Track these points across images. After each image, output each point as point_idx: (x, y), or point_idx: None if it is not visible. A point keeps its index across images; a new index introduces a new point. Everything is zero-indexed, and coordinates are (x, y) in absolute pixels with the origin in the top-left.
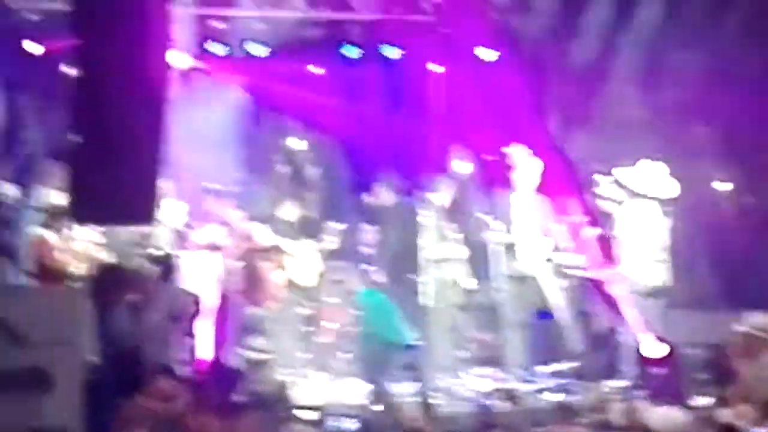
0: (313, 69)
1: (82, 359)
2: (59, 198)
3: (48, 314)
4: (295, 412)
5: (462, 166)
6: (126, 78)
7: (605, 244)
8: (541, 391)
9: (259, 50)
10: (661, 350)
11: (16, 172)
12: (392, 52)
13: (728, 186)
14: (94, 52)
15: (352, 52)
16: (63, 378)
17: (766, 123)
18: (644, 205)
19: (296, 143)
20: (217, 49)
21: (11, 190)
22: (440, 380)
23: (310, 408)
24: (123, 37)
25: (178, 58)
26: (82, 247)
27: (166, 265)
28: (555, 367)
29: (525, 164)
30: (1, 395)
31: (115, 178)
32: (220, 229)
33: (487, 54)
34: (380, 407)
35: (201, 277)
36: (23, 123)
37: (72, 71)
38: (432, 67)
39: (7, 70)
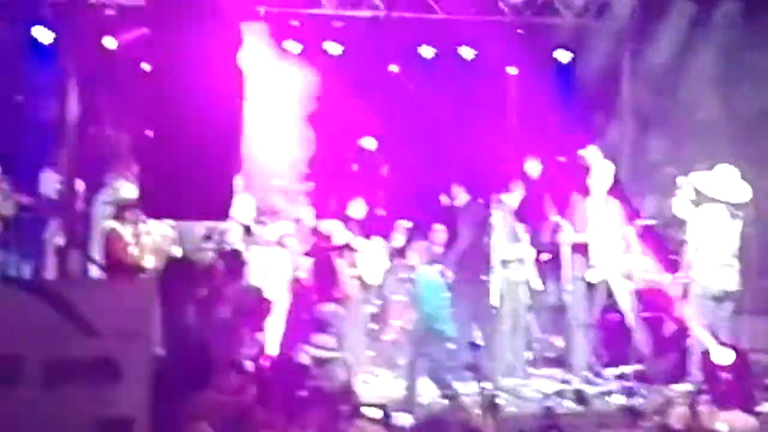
0: (389, 68)
1: (151, 351)
2: (132, 191)
3: (118, 306)
4: (361, 408)
5: (535, 167)
6: (200, 72)
7: (676, 247)
8: (606, 393)
9: (335, 49)
10: (727, 355)
11: (91, 166)
12: (468, 53)
13: None
14: (169, 47)
15: (428, 52)
16: (132, 369)
17: None
18: (716, 209)
19: (368, 142)
20: (292, 47)
21: (83, 185)
22: (506, 380)
23: (374, 405)
24: (197, 31)
25: (253, 54)
26: (154, 240)
27: (235, 260)
28: (621, 369)
29: (598, 166)
30: (71, 384)
31: (189, 172)
32: (290, 225)
33: (563, 55)
34: (445, 405)
35: (270, 273)
36: (99, 117)
37: (147, 66)
38: (508, 68)
39: (85, 65)
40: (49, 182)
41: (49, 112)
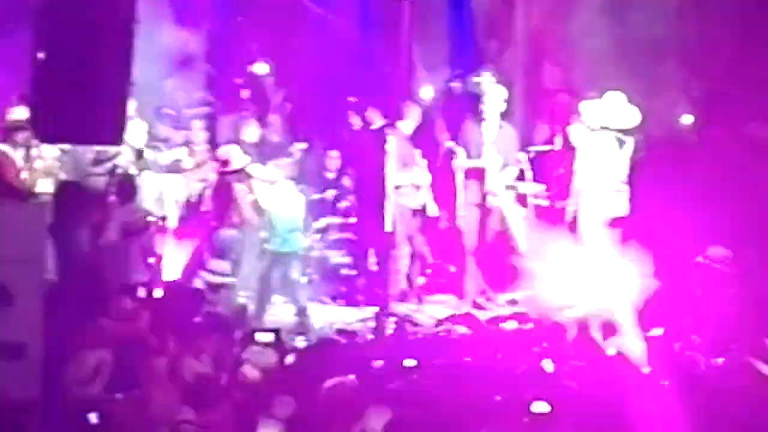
0: None
1: (43, 276)
2: (23, 115)
3: (9, 231)
4: (254, 333)
5: (428, 92)
6: None
7: (568, 174)
8: (498, 318)
9: None
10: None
11: None
12: None
13: (690, 119)
14: None
15: None
16: (23, 294)
17: (733, 55)
18: (603, 136)
19: (260, 67)
20: None
21: None
22: (400, 306)
23: (268, 330)
24: None
25: None
26: (45, 165)
27: (127, 184)
28: (513, 295)
29: (491, 92)
30: None
31: (82, 97)
32: (183, 150)
33: None
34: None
35: (164, 197)
36: None
37: None
38: None
39: None
40: None
41: None
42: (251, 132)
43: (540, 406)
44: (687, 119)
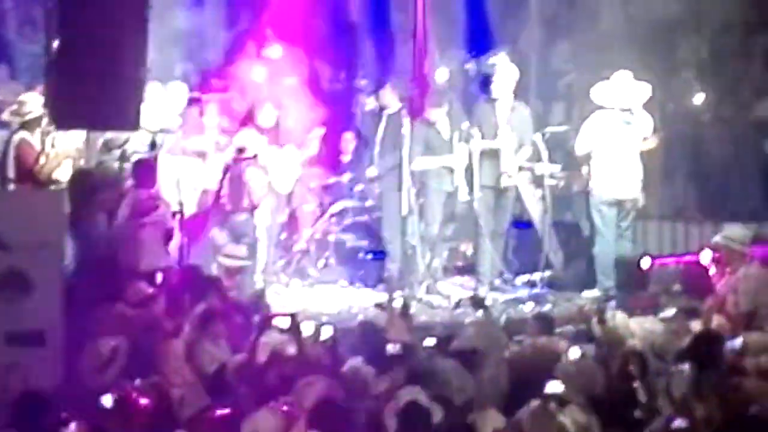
0: None
1: (62, 262)
2: (40, 102)
3: (28, 217)
4: (271, 319)
5: (442, 74)
6: None
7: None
8: (516, 300)
9: None
10: (636, 261)
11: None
12: None
13: (702, 97)
14: None
15: None
16: (42, 280)
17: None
18: (607, 116)
19: (273, 51)
20: None
21: None
22: (417, 289)
23: (285, 315)
24: None
25: None
26: (63, 151)
27: (143, 170)
28: (531, 277)
29: (504, 72)
30: None
31: (98, 82)
32: (200, 135)
33: None
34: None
35: (181, 182)
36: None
37: None
38: None
39: None
40: None
41: None
42: (267, 116)
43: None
44: (699, 98)
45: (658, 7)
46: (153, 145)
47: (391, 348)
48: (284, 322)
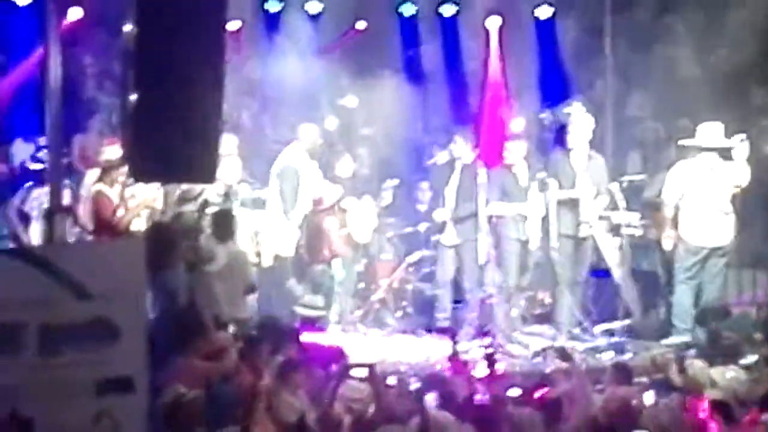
0: (365, 25)
1: (145, 309)
2: (117, 154)
3: (109, 267)
4: (349, 369)
5: (518, 123)
6: (184, 35)
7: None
8: (595, 349)
9: (315, 7)
10: (715, 310)
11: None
12: (449, 10)
13: None
14: (153, 10)
15: (408, 9)
16: (128, 327)
17: None
18: (696, 163)
19: (350, 101)
20: (273, 6)
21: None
22: (497, 339)
23: (363, 365)
24: None
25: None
26: (140, 203)
27: (222, 221)
28: (609, 325)
29: (580, 121)
30: (69, 348)
31: (175, 134)
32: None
33: (544, 11)
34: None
35: (259, 234)
36: (82, 81)
37: (132, 29)
38: (490, 25)
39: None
40: (23, 151)
41: (29, 75)
42: (345, 166)
43: None
44: None
45: (733, 54)
46: (227, 196)
47: (479, 398)
48: (362, 372)
